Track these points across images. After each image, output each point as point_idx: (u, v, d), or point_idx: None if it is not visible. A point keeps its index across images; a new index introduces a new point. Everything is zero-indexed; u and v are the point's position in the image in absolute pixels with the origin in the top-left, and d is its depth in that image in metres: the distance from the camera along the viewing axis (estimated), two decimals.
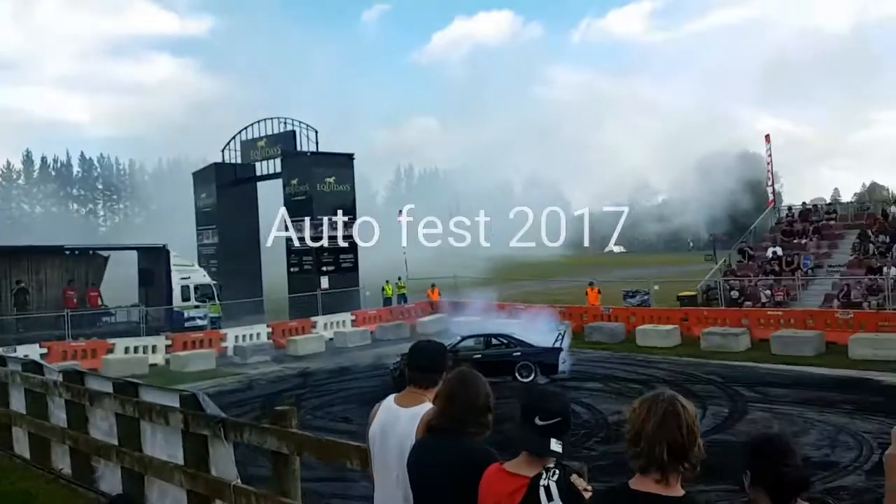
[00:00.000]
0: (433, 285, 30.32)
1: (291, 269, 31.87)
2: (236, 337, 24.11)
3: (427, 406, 3.12)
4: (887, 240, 25.14)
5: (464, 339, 18.39)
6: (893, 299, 21.41)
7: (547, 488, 2.31)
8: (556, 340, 17.95)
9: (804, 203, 48.14)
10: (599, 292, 26.10)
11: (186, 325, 25.88)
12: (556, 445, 2.42)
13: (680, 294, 25.58)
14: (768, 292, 24.22)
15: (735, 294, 24.60)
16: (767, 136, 32.66)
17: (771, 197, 32.16)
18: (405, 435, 3.10)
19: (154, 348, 22.44)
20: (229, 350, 23.40)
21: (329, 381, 18.67)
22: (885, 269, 23.06)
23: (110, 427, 6.69)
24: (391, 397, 3.32)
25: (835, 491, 9.11)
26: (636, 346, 21.56)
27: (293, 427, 4.87)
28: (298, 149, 32.81)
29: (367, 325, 26.66)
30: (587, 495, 2.31)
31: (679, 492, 2.08)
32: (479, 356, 17.16)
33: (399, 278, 32.00)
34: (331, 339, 25.21)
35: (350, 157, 32.91)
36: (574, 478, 2.36)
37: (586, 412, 14.04)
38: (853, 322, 19.91)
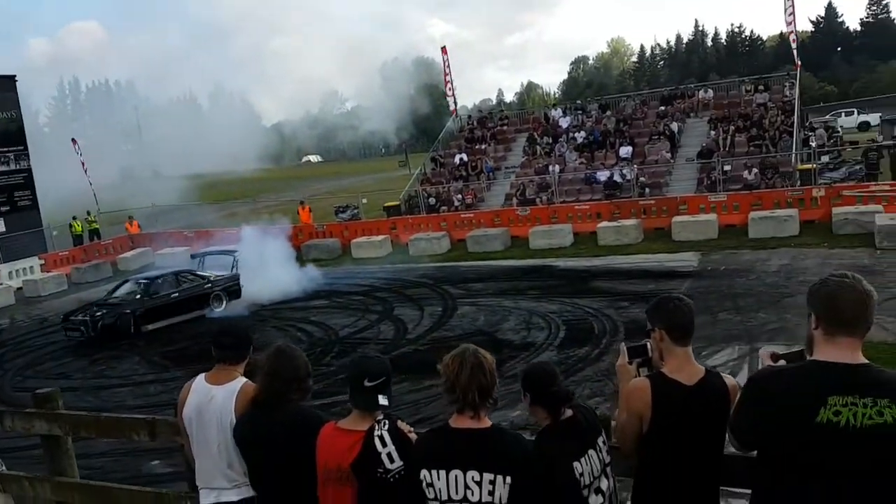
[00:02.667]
0: (131, 217, 28.28)
1: None
2: None
3: (240, 381, 3.47)
4: (550, 141, 29.01)
5: (152, 281, 17.25)
6: (559, 194, 25.02)
7: (381, 437, 2.88)
8: (232, 266, 18.29)
9: (480, 109, 52.62)
10: (311, 210, 26.62)
11: None
12: (383, 400, 2.96)
13: (386, 204, 27.07)
14: (460, 196, 26.72)
15: (433, 201, 26.75)
16: (444, 48, 34.83)
17: (453, 106, 34.78)
18: (223, 410, 3.42)
19: None
20: None
21: (30, 337, 16.99)
22: (550, 168, 26.71)
23: None
24: (200, 377, 3.58)
25: None
26: (353, 258, 22.64)
27: (60, 408, 4.79)
28: None
29: (60, 269, 24.27)
30: (412, 437, 2.93)
31: (488, 423, 2.78)
32: (177, 295, 17.06)
33: (88, 213, 29.24)
34: (19, 289, 22.62)
35: (11, 79, 28.49)
36: (399, 423, 2.96)
37: (318, 330, 14.74)
38: (531, 217, 22.84)
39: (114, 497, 4.55)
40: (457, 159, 29.34)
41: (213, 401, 3.45)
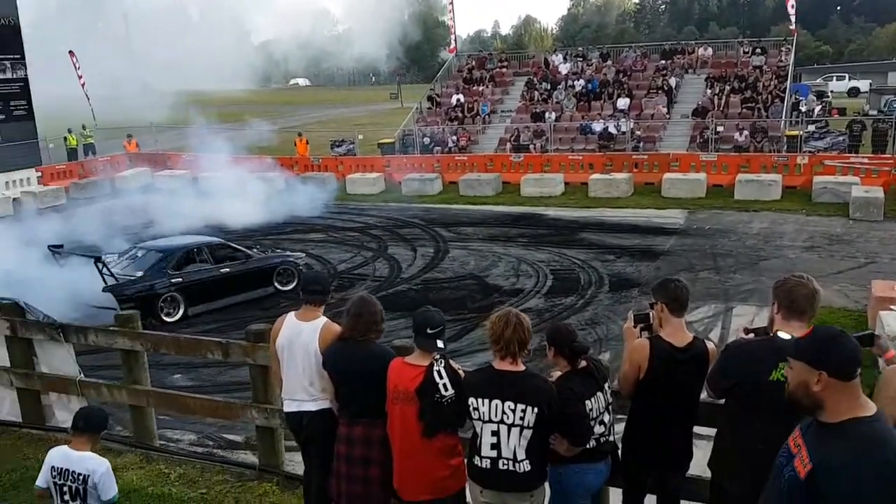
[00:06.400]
0: (129, 136, 28.42)
1: None
2: None
3: (323, 319, 4.33)
4: (549, 87, 29.35)
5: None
6: (553, 141, 25.56)
7: (439, 371, 3.71)
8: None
9: (480, 49, 52.13)
10: (307, 142, 26.95)
11: None
12: (440, 343, 3.80)
13: (380, 141, 27.42)
14: (454, 138, 27.16)
15: (427, 140, 27.17)
16: None
17: (453, 45, 34.82)
18: (309, 341, 4.32)
19: None
20: None
21: None
22: (546, 115, 27.18)
23: None
24: (291, 315, 4.47)
25: (523, 311, 11.74)
26: (347, 194, 23.12)
27: (139, 328, 5.57)
28: None
29: (58, 183, 24.58)
30: (462, 373, 3.77)
31: (522, 367, 3.63)
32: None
33: (84, 126, 29.38)
34: (16, 200, 22.96)
35: None
36: (452, 362, 3.79)
37: (317, 263, 15.38)
38: (524, 164, 23.39)
39: (184, 403, 5.38)
40: (453, 100, 29.64)
41: (302, 334, 4.34)
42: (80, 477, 3.78)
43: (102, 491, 3.79)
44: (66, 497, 3.82)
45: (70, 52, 32.49)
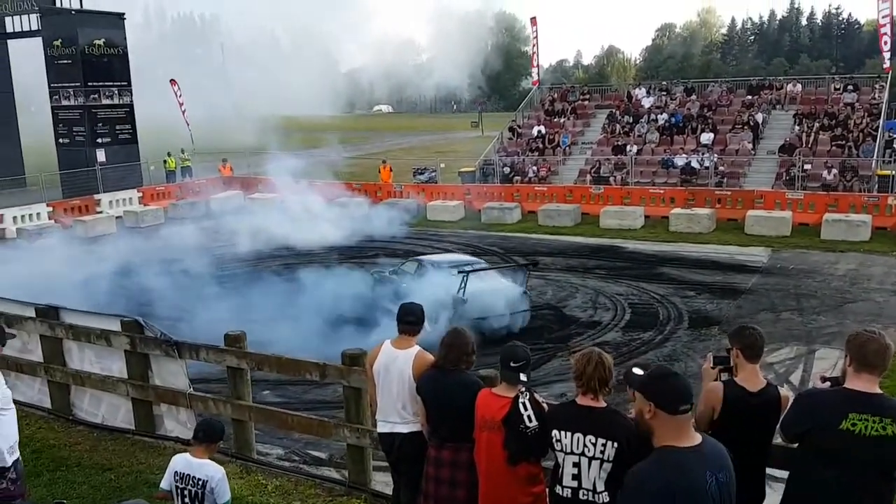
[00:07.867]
0: (225, 160, 29.90)
1: (61, 141, 29.53)
2: (14, 218, 22.59)
3: (416, 348, 4.68)
4: (631, 120, 29.33)
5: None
6: (634, 174, 25.51)
7: (524, 403, 4.00)
8: None
9: (563, 81, 52.22)
10: (391, 170, 27.75)
11: None
12: (524, 377, 4.09)
13: (461, 170, 27.97)
14: (534, 168, 27.45)
15: (507, 170, 27.55)
16: (534, 20, 35.25)
17: (535, 77, 35.21)
18: (403, 368, 4.70)
19: None
20: (9, 232, 21.97)
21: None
22: (628, 148, 27.16)
23: (23, 345, 7.26)
24: (387, 342, 4.85)
25: (599, 345, 11.86)
26: (428, 220, 23.64)
27: (246, 348, 6.06)
28: (58, 4, 29.51)
29: (157, 203, 26.04)
30: (545, 406, 4.04)
31: (603, 404, 3.86)
32: None
33: (182, 150, 31.08)
34: (119, 218, 24.43)
35: (121, 17, 30.27)
36: (536, 395, 4.07)
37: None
38: (604, 196, 23.42)
39: (283, 419, 5.81)
40: (534, 131, 29.96)
41: (397, 360, 4.73)
42: (200, 482, 4.23)
43: (218, 495, 4.23)
44: (186, 500, 4.27)
45: (172, 80, 34.48)
